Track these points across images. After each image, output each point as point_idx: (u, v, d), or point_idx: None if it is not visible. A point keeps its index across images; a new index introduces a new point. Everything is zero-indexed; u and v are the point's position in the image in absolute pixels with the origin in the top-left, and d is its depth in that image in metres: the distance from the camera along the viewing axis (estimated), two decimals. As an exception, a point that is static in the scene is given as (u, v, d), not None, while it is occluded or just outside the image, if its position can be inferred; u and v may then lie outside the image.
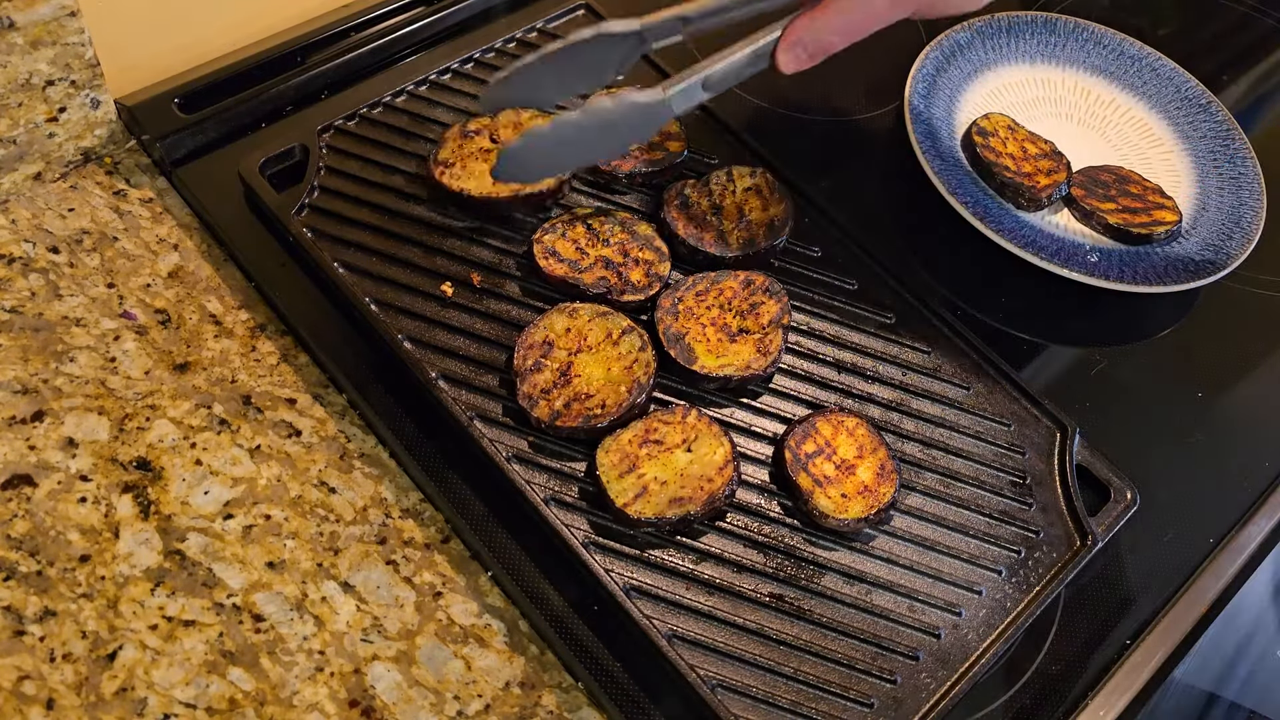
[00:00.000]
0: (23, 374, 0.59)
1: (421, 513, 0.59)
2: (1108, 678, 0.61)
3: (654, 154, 0.73)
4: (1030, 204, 0.79)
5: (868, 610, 0.58)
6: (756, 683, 0.55)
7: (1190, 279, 0.75)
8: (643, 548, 0.58)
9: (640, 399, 0.61)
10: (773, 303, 0.66)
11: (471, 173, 0.68)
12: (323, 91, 0.74)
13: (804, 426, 0.62)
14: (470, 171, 0.68)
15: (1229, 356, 0.77)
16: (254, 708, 0.51)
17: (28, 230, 0.65)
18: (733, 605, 0.57)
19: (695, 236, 0.69)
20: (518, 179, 0.67)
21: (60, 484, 0.56)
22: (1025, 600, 0.60)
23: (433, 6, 0.79)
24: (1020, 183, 0.78)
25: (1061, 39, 0.91)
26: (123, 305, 0.63)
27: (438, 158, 0.68)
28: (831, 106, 0.85)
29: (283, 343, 0.64)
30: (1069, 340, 0.76)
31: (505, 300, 0.66)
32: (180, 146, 0.69)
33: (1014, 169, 0.80)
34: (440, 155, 0.69)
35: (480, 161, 0.68)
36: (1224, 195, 0.83)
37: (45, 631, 0.51)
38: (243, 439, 0.59)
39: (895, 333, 0.69)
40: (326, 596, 0.55)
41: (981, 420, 0.66)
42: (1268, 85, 0.98)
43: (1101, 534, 0.62)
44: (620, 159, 0.72)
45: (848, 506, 0.60)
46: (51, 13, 0.61)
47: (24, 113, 0.64)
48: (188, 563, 0.55)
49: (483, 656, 0.55)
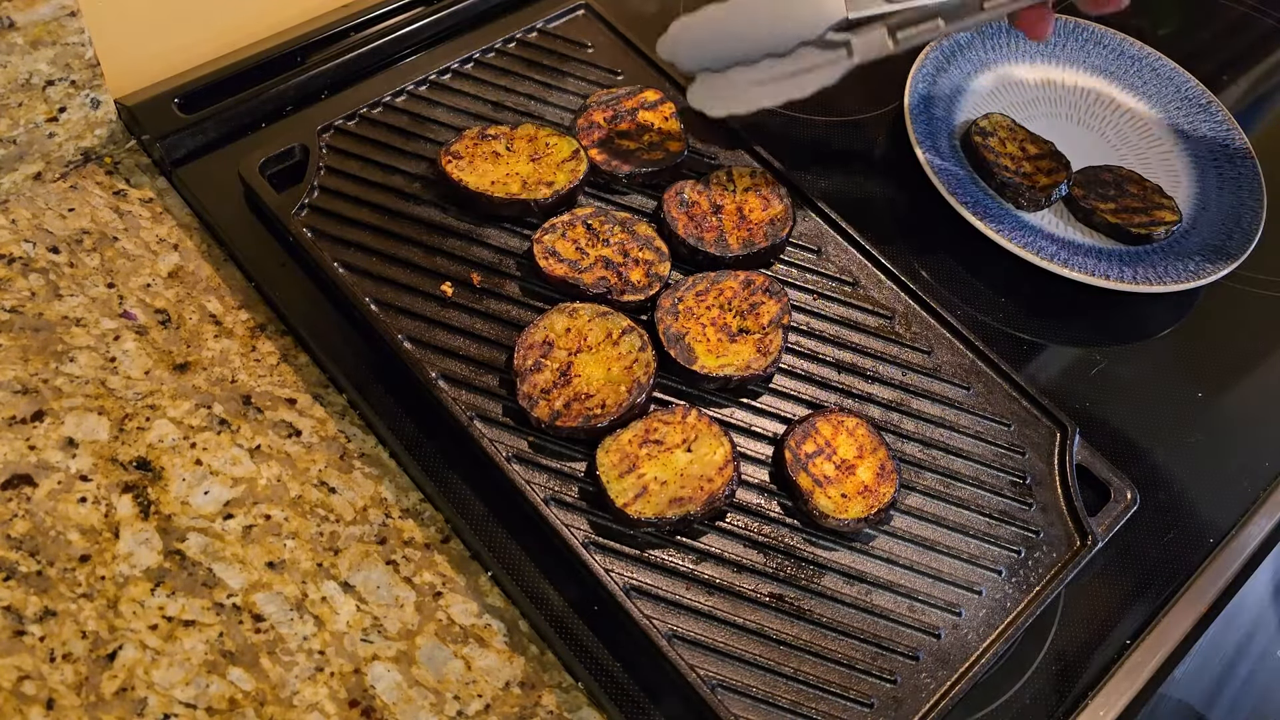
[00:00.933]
0: (23, 374, 0.59)
1: (421, 513, 0.59)
2: (1108, 678, 0.61)
3: (654, 154, 0.73)
4: (1030, 204, 0.79)
5: (868, 610, 0.58)
6: (756, 683, 0.55)
7: (1190, 279, 0.75)
8: (643, 548, 0.58)
9: (640, 399, 0.61)
10: (773, 303, 0.66)
11: (476, 169, 0.68)
12: (323, 91, 0.74)
13: (804, 426, 0.62)
14: (475, 169, 0.68)
15: (1229, 356, 0.77)
16: (254, 708, 0.51)
17: (28, 230, 0.65)
18: (733, 605, 0.57)
19: (695, 236, 0.69)
20: (677, 58, 0.69)
21: (60, 484, 0.56)
22: (1025, 600, 0.60)
23: (433, 6, 0.79)
24: (1020, 183, 0.78)
25: (1061, 39, 0.91)
26: (123, 305, 0.63)
27: (450, 148, 0.69)
28: (831, 106, 0.85)
29: (283, 343, 0.64)
30: (1069, 340, 0.76)
31: (505, 300, 0.66)
32: (180, 146, 0.69)
33: (1014, 169, 0.80)
34: (454, 147, 0.69)
35: (488, 163, 0.69)
36: (1224, 195, 0.83)
37: (45, 631, 0.51)
38: (243, 439, 0.59)
39: (895, 333, 0.69)
40: (326, 596, 0.55)
41: (981, 420, 0.66)
42: (1268, 85, 0.98)
43: (1101, 534, 0.62)
44: (621, 159, 0.72)
45: (848, 506, 0.60)
46: (51, 13, 0.61)
47: (24, 113, 0.64)
48: (188, 563, 0.55)
49: (483, 656, 0.55)
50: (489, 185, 0.68)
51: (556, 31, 0.80)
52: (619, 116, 0.74)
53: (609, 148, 0.72)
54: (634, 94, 0.75)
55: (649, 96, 0.75)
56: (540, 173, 0.69)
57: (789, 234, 0.70)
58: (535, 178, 0.69)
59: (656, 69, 0.78)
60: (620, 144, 0.72)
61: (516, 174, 0.69)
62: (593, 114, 0.74)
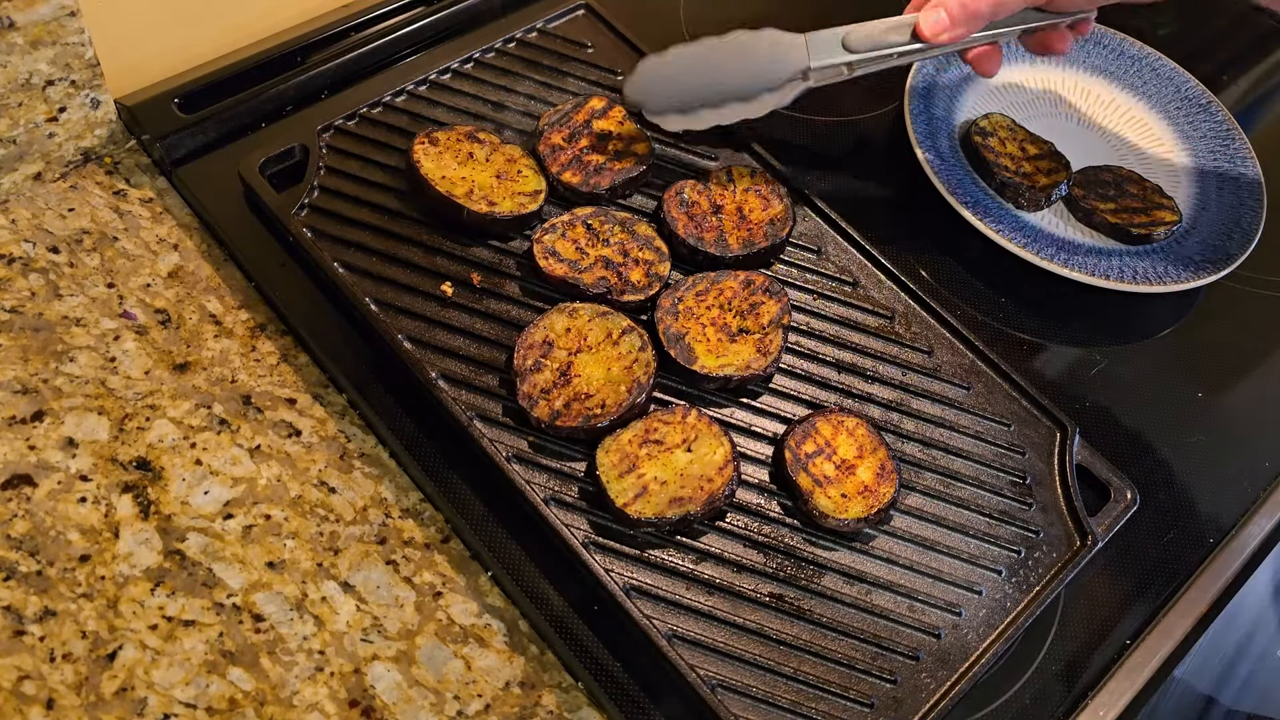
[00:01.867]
0: (23, 374, 0.59)
1: (421, 513, 0.59)
2: (1108, 678, 0.61)
3: (624, 162, 0.71)
4: (1030, 204, 0.79)
5: (868, 610, 0.58)
6: (756, 683, 0.55)
7: (1190, 279, 0.75)
8: (643, 548, 0.58)
9: (640, 399, 0.61)
10: (772, 302, 0.66)
11: (440, 160, 0.68)
12: (323, 91, 0.74)
13: (804, 426, 0.62)
14: (440, 160, 0.68)
15: (1229, 356, 0.77)
16: (254, 708, 0.51)
17: (28, 230, 0.65)
18: (733, 605, 0.57)
19: (695, 236, 0.69)
20: (644, 101, 0.70)
21: (60, 484, 0.56)
22: (1025, 600, 0.60)
23: (433, 6, 0.79)
24: (1020, 183, 0.78)
25: (1061, 39, 0.91)
26: (123, 305, 0.63)
27: (433, 134, 0.69)
28: (831, 106, 0.85)
29: (283, 343, 0.64)
30: (1069, 340, 0.76)
31: (505, 300, 0.66)
32: (180, 146, 0.69)
33: (1014, 169, 0.80)
34: (436, 134, 0.69)
35: (455, 160, 0.68)
36: (1224, 195, 0.83)
37: (45, 631, 0.51)
38: (243, 439, 0.59)
39: (895, 333, 0.69)
40: (326, 596, 0.55)
41: (981, 420, 0.66)
42: (1268, 85, 0.98)
43: (1101, 534, 0.62)
44: (599, 175, 0.70)
45: (848, 506, 0.60)
46: (51, 13, 0.61)
47: (24, 113, 0.64)
48: (188, 563, 0.55)
49: (483, 656, 0.55)
50: (439, 178, 0.67)
51: (556, 31, 0.80)
52: (576, 133, 0.72)
53: (579, 167, 0.70)
54: (580, 105, 0.73)
55: (596, 104, 0.73)
56: (494, 190, 0.68)
57: (789, 234, 0.70)
58: (483, 192, 0.67)
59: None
60: (589, 159, 0.71)
61: (472, 180, 0.68)
62: (550, 137, 0.71)
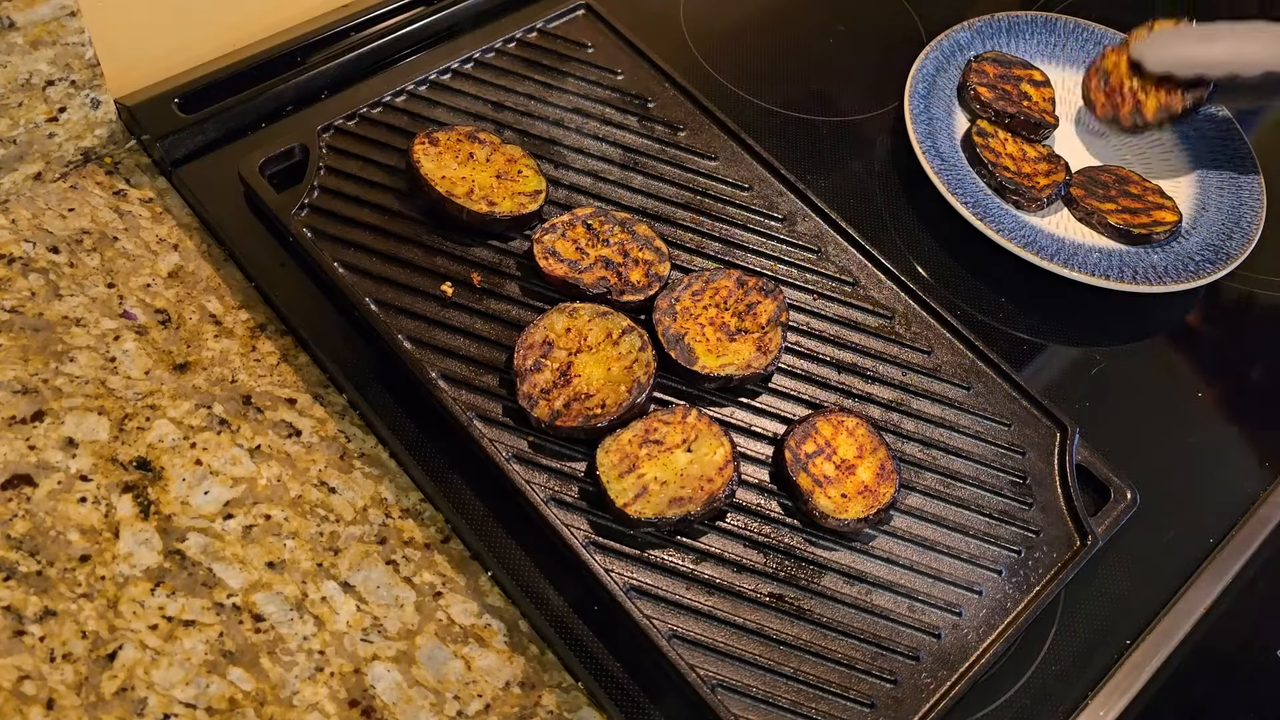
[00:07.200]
0: (23, 374, 0.59)
1: (421, 513, 0.59)
2: (1108, 678, 0.61)
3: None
4: (1030, 204, 0.79)
5: (868, 610, 0.58)
6: (756, 683, 0.55)
7: (1190, 279, 0.76)
8: (643, 548, 0.58)
9: (640, 399, 0.61)
10: (769, 301, 0.66)
11: (440, 160, 0.67)
12: (323, 91, 0.74)
13: (804, 426, 0.62)
14: (440, 160, 0.67)
15: (1229, 356, 0.77)
16: (254, 708, 0.51)
17: (28, 230, 0.65)
18: (733, 605, 0.57)
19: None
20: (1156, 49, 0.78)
21: (60, 484, 0.56)
22: (1025, 600, 0.60)
23: (433, 6, 0.79)
24: (1020, 183, 0.78)
25: (1061, 39, 0.91)
26: (123, 305, 0.63)
27: (433, 134, 0.69)
28: (831, 106, 0.85)
29: (283, 343, 0.64)
30: (1069, 340, 0.76)
31: (505, 300, 0.66)
32: (180, 146, 0.69)
33: (1014, 169, 0.80)
34: (437, 134, 0.69)
35: (455, 160, 0.68)
36: (1224, 195, 0.83)
37: (45, 631, 0.51)
38: (243, 439, 0.59)
39: (895, 333, 0.69)
40: (326, 596, 0.55)
41: (981, 420, 0.66)
42: (1268, 85, 0.98)
43: (1101, 534, 0.62)
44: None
45: (848, 506, 0.60)
46: (51, 13, 0.61)
47: (24, 113, 0.64)
48: (188, 563, 0.55)
49: (483, 656, 0.55)
50: (439, 178, 0.67)
51: (556, 31, 0.80)
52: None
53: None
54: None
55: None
56: (494, 190, 0.68)
57: (787, 234, 0.70)
58: (483, 192, 0.67)
59: (655, 69, 0.78)
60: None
61: (472, 180, 0.67)
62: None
